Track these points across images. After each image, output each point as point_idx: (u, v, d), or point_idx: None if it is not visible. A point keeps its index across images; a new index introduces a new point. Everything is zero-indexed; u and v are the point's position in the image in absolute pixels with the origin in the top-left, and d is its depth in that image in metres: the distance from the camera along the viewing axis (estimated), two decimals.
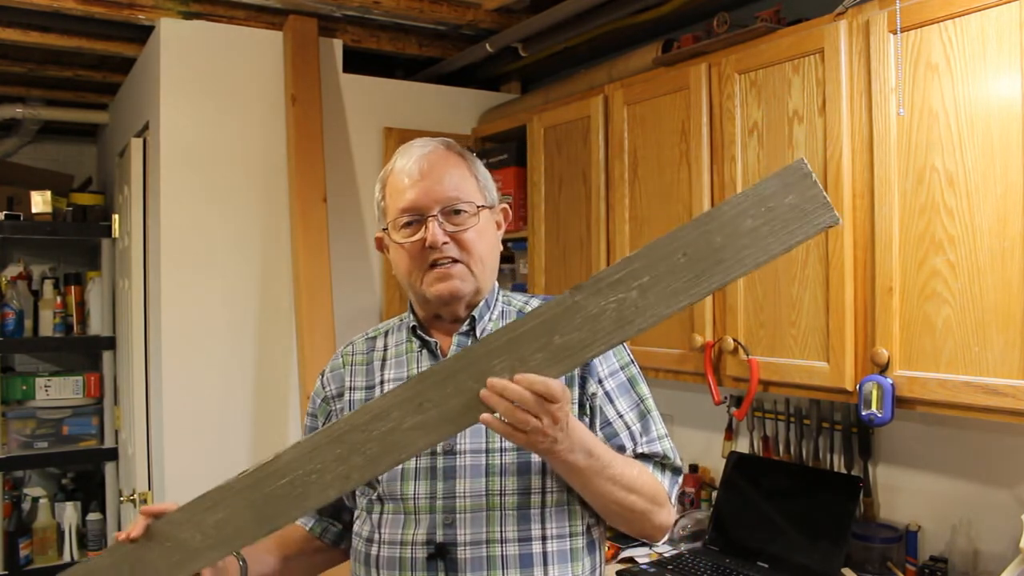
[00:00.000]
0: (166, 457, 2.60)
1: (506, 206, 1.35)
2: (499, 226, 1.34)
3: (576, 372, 1.25)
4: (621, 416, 1.28)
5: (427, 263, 1.24)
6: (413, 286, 1.27)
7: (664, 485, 1.27)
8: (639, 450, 1.27)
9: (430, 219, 1.23)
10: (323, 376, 1.40)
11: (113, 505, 3.36)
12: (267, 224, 2.78)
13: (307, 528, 1.40)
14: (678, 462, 1.32)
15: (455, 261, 1.24)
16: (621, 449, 1.26)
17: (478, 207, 1.26)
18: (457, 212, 1.24)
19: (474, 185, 1.28)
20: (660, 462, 1.29)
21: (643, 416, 1.30)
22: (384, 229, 1.31)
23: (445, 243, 1.23)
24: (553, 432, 1.05)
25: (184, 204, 2.65)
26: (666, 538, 2.30)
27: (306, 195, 2.71)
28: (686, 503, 2.51)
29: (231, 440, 2.69)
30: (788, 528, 2.08)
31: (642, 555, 2.18)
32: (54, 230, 3.26)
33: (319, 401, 1.40)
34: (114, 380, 3.36)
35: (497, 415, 1.04)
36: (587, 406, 1.26)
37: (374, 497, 1.27)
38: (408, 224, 1.25)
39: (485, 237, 1.27)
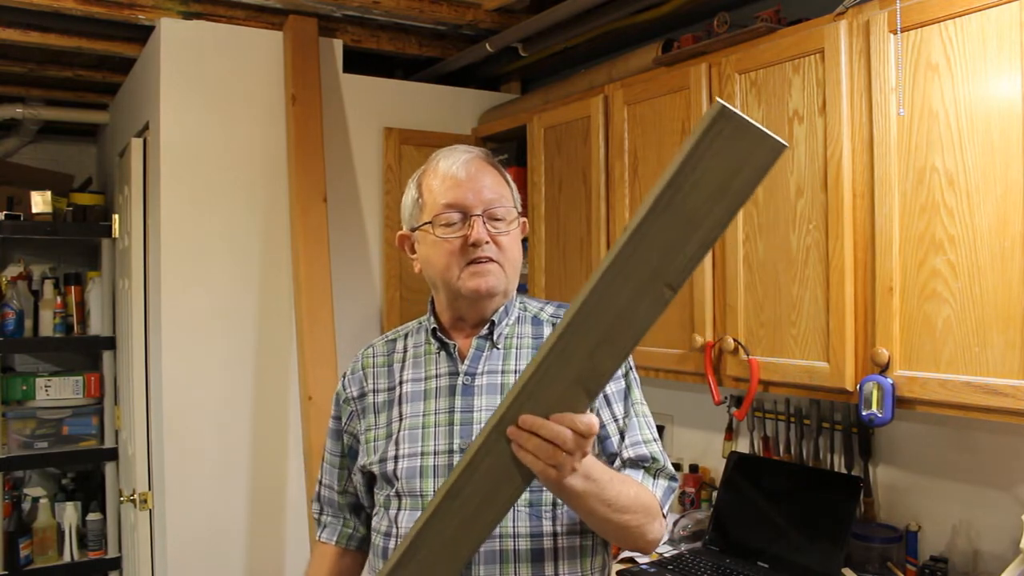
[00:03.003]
0: (166, 457, 2.60)
1: (525, 219, 1.40)
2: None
3: None
4: (616, 420, 1.29)
5: (466, 260, 1.28)
6: (448, 281, 1.30)
7: (657, 496, 1.27)
8: (626, 454, 1.28)
9: (474, 218, 1.28)
10: (344, 378, 1.45)
11: (113, 505, 3.36)
12: (267, 224, 2.78)
13: (333, 543, 1.46)
14: (670, 467, 1.32)
15: (491, 260, 1.28)
16: (612, 456, 1.28)
17: (515, 215, 1.33)
18: (498, 216, 1.30)
19: (510, 194, 1.35)
20: (650, 467, 1.29)
21: (632, 419, 1.31)
22: (414, 228, 1.35)
23: (487, 242, 1.27)
24: (575, 465, 1.03)
25: (184, 204, 2.65)
26: (666, 538, 2.31)
27: (306, 195, 2.71)
28: (686, 503, 2.51)
29: (231, 440, 2.69)
30: (788, 528, 2.08)
31: (642, 555, 2.18)
32: (54, 230, 3.25)
33: (340, 402, 1.45)
34: (114, 380, 3.36)
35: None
36: None
37: (392, 493, 1.30)
38: (451, 221, 1.28)
39: (517, 244, 1.34)
